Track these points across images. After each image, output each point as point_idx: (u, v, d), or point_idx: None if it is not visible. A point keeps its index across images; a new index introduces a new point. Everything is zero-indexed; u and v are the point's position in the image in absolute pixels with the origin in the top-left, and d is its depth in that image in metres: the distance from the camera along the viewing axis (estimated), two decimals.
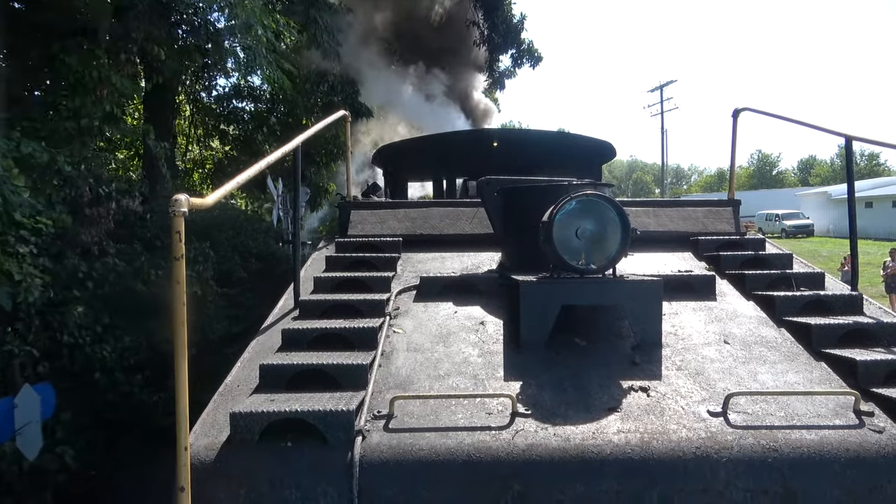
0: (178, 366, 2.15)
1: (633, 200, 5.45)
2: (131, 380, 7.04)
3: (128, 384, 7.01)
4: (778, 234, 42.01)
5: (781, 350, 3.26)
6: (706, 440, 2.55)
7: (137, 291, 7.22)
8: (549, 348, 3.21)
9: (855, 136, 3.76)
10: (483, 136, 9.29)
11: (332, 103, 12.94)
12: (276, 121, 15.15)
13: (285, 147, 3.63)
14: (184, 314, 2.12)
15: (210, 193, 2.47)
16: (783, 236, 41.46)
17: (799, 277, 3.99)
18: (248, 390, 2.90)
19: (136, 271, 7.47)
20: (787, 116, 4.73)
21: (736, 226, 4.89)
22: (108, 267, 7.33)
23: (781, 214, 44.46)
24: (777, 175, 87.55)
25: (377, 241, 4.58)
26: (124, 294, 7.21)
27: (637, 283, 3.28)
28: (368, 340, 3.24)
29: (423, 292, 3.92)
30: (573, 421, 2.66)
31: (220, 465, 2.47)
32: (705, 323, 3.55)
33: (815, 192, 50.48)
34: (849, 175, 3.84)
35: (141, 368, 7.15)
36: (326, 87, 13.39)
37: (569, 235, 3.28)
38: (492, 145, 7.90)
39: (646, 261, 4.39)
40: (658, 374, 3.04)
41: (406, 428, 2.62)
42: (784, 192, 60.86)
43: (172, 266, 2.13)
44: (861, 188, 45.12)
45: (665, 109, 49.22)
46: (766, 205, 48.64)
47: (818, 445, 2.53)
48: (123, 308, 7.20)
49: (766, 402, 2.78)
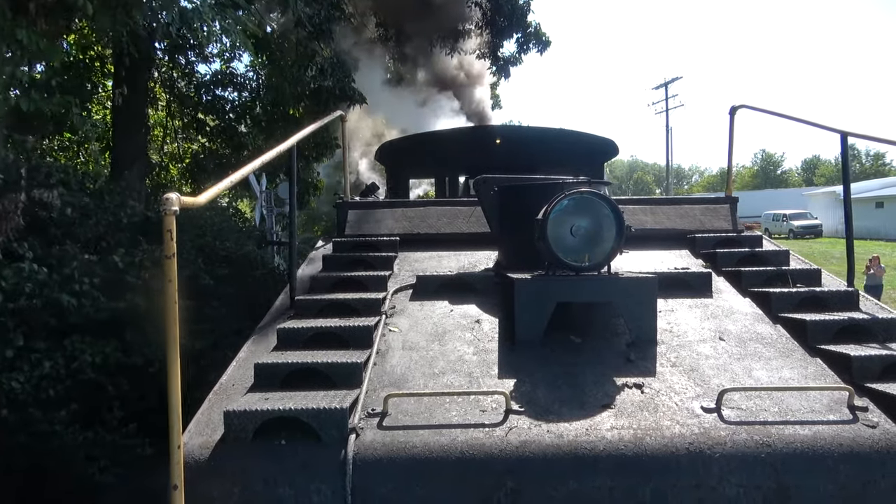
0: (170, 364, 2.16)
1: (630, 199, 5.45)
2: (51, 416, 5.35)
3: (46, 422, 5.31)
4: (785, 235, 41.43)
5: (776, 346, 3.26)
6: (699, 436, 2.55)
7: (64, 305, 5.66)
8: (544, 345, 3.21)
9: (850, 132, 3.77)
10: (486, 133, 9.29)
11: (321, 89, 12.02)
12: (262, 110, 13.88)
13: (280, 147, 3.64)
14: (175, 312, 2.13)
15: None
16: (791, 237, 40.81)
17: (795, 274, 3.99)
18: (243, 389, 2.90)
19: (64, 280, 5.86)
20: (783, 113, 4.73)
21: (733, 223, 4.89)
22: (23, 274, 5.63)
23: (789, 215, 43.49)
24: (781, 175, 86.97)
25: (374, 240, 4.59)
26: (46, 308, 5.64)
27: (632, 280, 3.28)
28: (364, 339, 3.24)
29: (420, 291, 3.92)
30: (567, 417, 2.66)
31: (213, 463, 2.48)
32: (701, 320, 3.55)
33: (822, 191, 49.63)
34: (844, 171, 3.84)
35: (64, 402, 5.49)
36: (315, 70, 12.12)
37: (563, 233, 3.28)
38: (494, 142, 7.90)
39: (642, 258, 4.39)
40: (653, 370, 3.04)
41: (400, 425, 2.62)
42: (789, 192, 60.20)
43: (164, 264, 2.14)
44: (871, 188, 44.38)
45: (670, 107, 48.78)
46: (771, 205, 47.97)
47: (812, 441, 2.53)
48: (44, 326, 5.68)
49: (760, 398, 2.78)
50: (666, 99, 48.99)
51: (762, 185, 77.82)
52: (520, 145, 7.80)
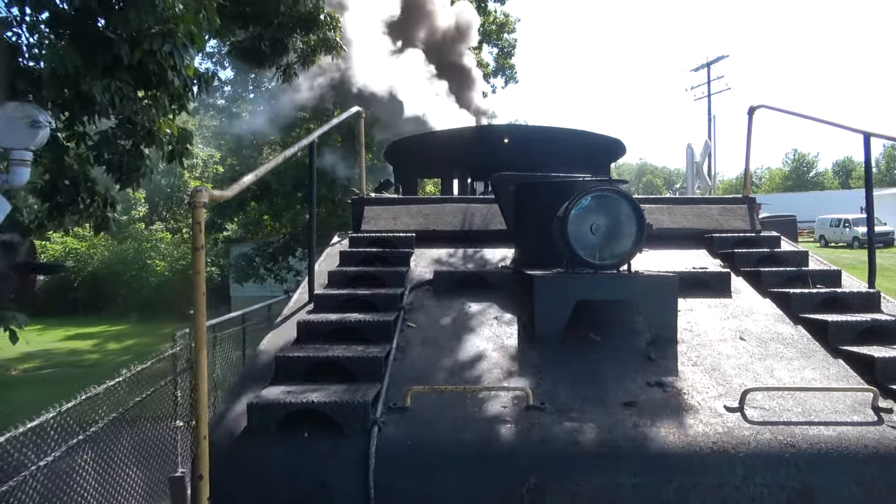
0: (198, 356, 2.18)
1: (646, 197, 5.44)
2: None
3: None
4: (846, 244, 34.30)
5: (798, 347, 3.25)
6: (723, 435, 2.54)
7: None
8: (563, 343, 3.21)
9: (873, 132, 3.74)
10: (493, 132, 9.31)
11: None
12: None
13: (301, 142, 3.66)
14: (204, 303, 2.14)
15: None
16: (855, 246, 32.94)
17: (815, 275, 3.97)
18: (265, 382, 2.92)
19: None
20: (804, 114, 4.71)
21: (751, 223, 4.86)
22: None
23: (852, 220, 34.87)
24: (815, 177, 78.02)
25: (390, 236, 4.59)
26: None
27: (652, 278, 3.28)
28: (383, 334, 3.25)
29: (437, 287, 3.92)
30: (589, 415, 2.66)
31: (237, 454, 2.49)
32: (721, 319, 3.54)
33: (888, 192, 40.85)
34: (867, 172, 3.82)
35: None
36: None
37: (583, 231, 3.27)
38: (502, 141, 7.91)
39: (660, 258, 4.38)
40: (674, 369, 3.03)
41: (422, 420, 2.63)
42: (827, 194, 53.95)
43: (193, 256, 2.16)
44: None
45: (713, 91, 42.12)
46: (807, 208, 38.94)
47: (836, 441, 2.52)
48: None
49: (782, 398, 2.77)
50: (708, 82, 42.46)
51: (794, 188, 70.21)
52: (527, 145, 7.80)
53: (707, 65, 43.25)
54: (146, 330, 23.58)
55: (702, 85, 43.72)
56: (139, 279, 29.76)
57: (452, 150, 8.20)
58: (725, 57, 42.99)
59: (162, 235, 32.76)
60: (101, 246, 30.48)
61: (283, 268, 21.41)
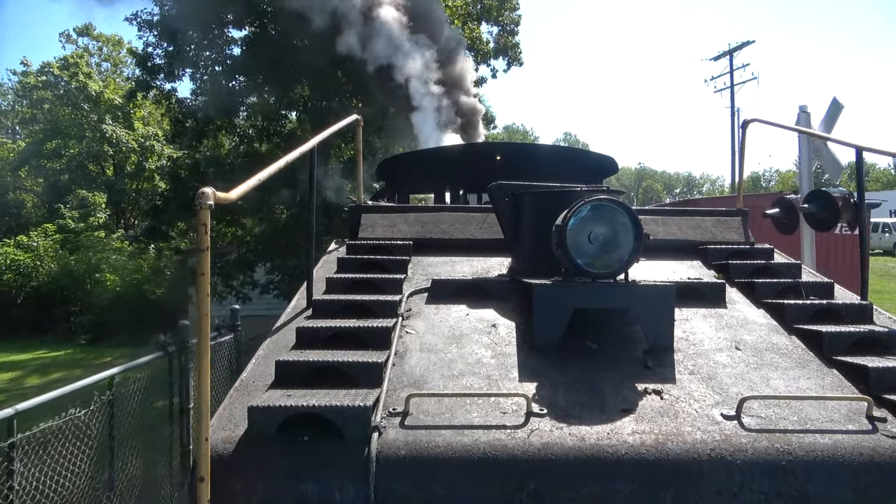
0: (200, 357, 2.18)
1: (641, 209, 5.49)
2: None
3: None
4: (884, 251, 29.09)
5: (793, 356, 3.28)
6: (721, 442, 2.57)
7: None
8: (560, 350, 3.23)
9: (865, 146, 3.81)
10: (486, 149, 9.39)
11: None
12: None
13: (301, 148, 3.67)
14: (208, 305, 2.15)
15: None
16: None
17: (808, 286, 4.02)
18: (264, 386, 2.91)
19: None
20: (794, 127, 4.79)
21: (745, 235, 4.92)
22: None
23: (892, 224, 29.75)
24: None
25: (388, 243, 4.61)
26: None
27: (650, 287, 3.31)
28: (382, 340, 3.26)
29: (435, 295, 3.94)
30: (588, 421, 2.68)
31: (237, 457, 2.49)
32: (716, 329, 3.57)
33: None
34: (859, 187, 3.88)
35: None
36: None
37: (581, 240, 3.30)
38: (494, 159, 7.97)
39: (655, 268, 4.42)
40: (671, 377, 3.05)
41: (422, 425, 2.63)
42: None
43: (198, 258, 2.16)
44: None
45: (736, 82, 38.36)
46: None
47: (832, 449, 2.55)
48: None
49: (779, 407, 2.80)
50: (731, 71, 38.66)
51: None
52: (519, 162, 7.86)
53: (729, 51, 39.77)
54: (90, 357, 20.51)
55: (723, 75, 40.22)
56: (92, 295, 26.01)
57: (445, 168, 8.26)
58: (751, 42, 39.91)
59: (118, 245, 28.48)
60: (47, 257, 27.22)
61: (247, 283, 18.41)
